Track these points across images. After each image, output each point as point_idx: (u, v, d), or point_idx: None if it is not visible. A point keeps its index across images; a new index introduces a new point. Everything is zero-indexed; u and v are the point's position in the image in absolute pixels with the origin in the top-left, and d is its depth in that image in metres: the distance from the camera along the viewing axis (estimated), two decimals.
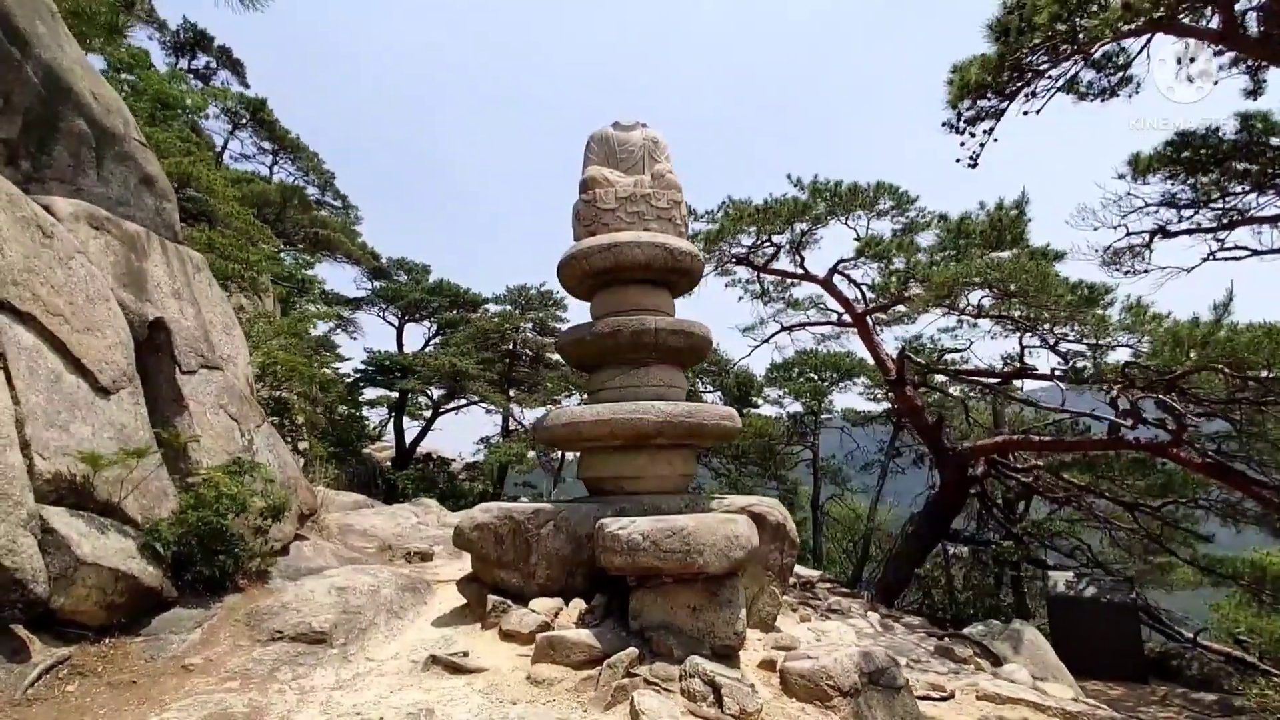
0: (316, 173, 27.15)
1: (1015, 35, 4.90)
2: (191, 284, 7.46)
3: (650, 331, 6.11)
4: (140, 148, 8.00)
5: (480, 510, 5.75)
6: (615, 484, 6.15)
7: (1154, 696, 8.48)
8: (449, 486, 20.39)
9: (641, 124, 7.49)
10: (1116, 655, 9.07)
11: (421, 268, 26.35)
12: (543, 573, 5.55)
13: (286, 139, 25.95)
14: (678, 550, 4.53)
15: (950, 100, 5.57)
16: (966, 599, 10.84)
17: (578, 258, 6.45)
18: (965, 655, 6.74)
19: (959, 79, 5.39)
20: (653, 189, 6.76)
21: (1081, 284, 7.46)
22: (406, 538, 10.47)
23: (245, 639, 4.52)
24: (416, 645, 4.95)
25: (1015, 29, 4.90)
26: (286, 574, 6.19)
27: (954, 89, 5.46)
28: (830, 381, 17.26)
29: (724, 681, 4.06)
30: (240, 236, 11.33)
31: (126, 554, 4.31)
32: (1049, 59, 4.97)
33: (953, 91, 5.49)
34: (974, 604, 10.76)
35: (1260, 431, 7.33)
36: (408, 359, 21.90)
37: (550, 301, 21.87)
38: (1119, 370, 8.26)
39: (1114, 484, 9.92)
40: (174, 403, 5.83)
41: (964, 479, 10.23)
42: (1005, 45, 4.99)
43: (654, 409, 5.73)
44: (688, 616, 4.69)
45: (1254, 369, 6.67)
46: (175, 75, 14.37)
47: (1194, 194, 5.91)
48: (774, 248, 10.39)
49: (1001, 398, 11.60)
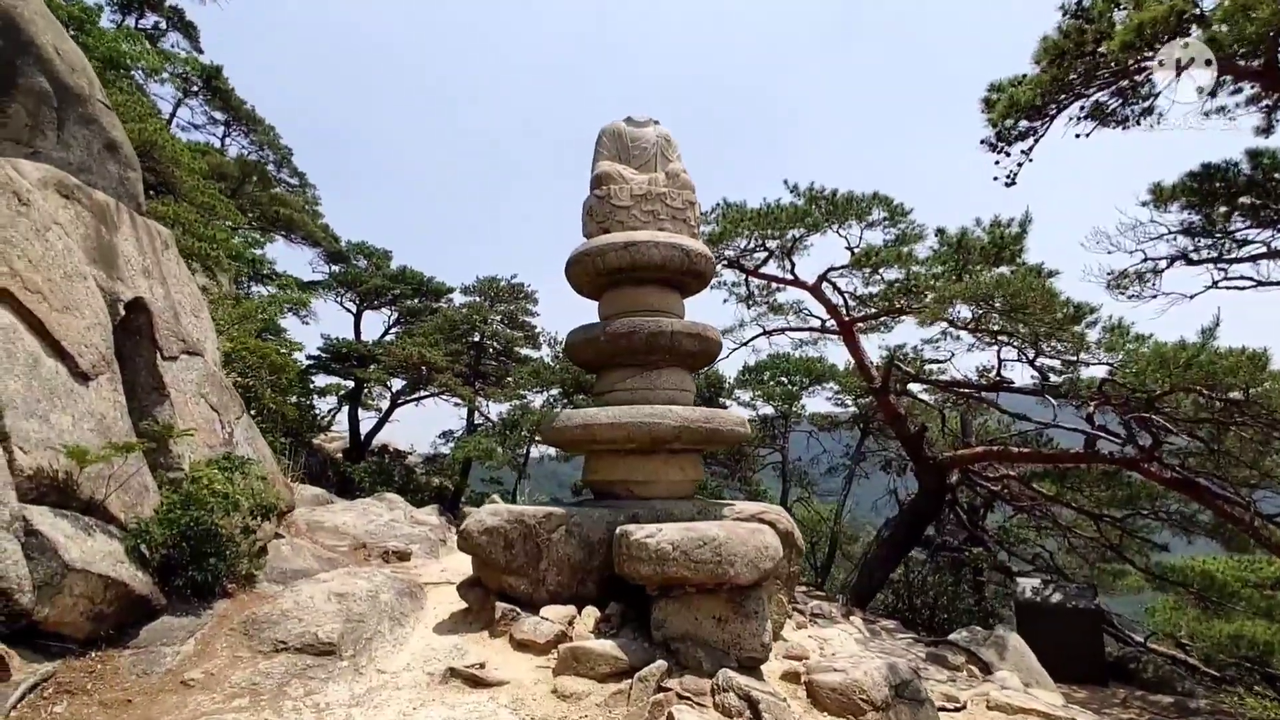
0: (273, 147, 25.87)
1: (1071, 59, 5.00)
2: (161, 262, 6.93)
3: (666, 334, 5.99)
4: (105, 110, 7.43)
5: (489, 513, 5.52)
6: (626, 488, 6.00)
7: (1115, 699, 8.87)
8: (406, 480, 19.77)
9: (654, 120, 7.35)
10: (1080, 659, 9.44)
11: (383, 253, 25.40)
12: (553, 579, 5.36)
13: (242, 110, 24.64)
14: (709, 561, 4.43)
15: (993, 119, 5.64)
16: (940, 604, 11.13)
17: (591, 254, 6.26)
18: (958, 663, 6.88)
19: (1006, 99, 5.46)
20: (668, 188, 6.63)
21: (1069, 302, 7.73)
22: (381, 536, 10.06)
23: (245, 650, 4.19)
24: (427, 655, 4.70)
25: (1071, 52, 5.00)
26: (273, 577, 5.81)
27: (999, 108, 5.52)
28: (801, 386, 17.45)
29: (760, 696, 3.97)
30: (204, 212, 10.62)
31: (115, 558, 3.93)
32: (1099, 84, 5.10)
33: (997, 110, 5.56)
34: (948, 609, 11.07)
35: (1224, 449, 7.75)
36: (367, 347, 21.10)
37: (521, 294, 21.41)
38: (1096, 387, 8.60)
39: (1081, 494, 10.37)
40: (154, 391, 5.38)
41: (942, 487, 10.50)
42: (1059, 68, 5.08)
43: (672, 413, 5.61)
44: (714, 627, 4.58)
45: (1228, 390, 7.04)
46: (130, 34, 13.35)
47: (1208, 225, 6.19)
48: (766, 252, 10.41)
49: (976, 408, 11.96)
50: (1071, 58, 5.04)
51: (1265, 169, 5.54)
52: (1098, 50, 4.92)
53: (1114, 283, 7.09)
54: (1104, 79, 5.09)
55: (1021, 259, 8.43)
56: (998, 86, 5.85)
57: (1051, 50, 5.14)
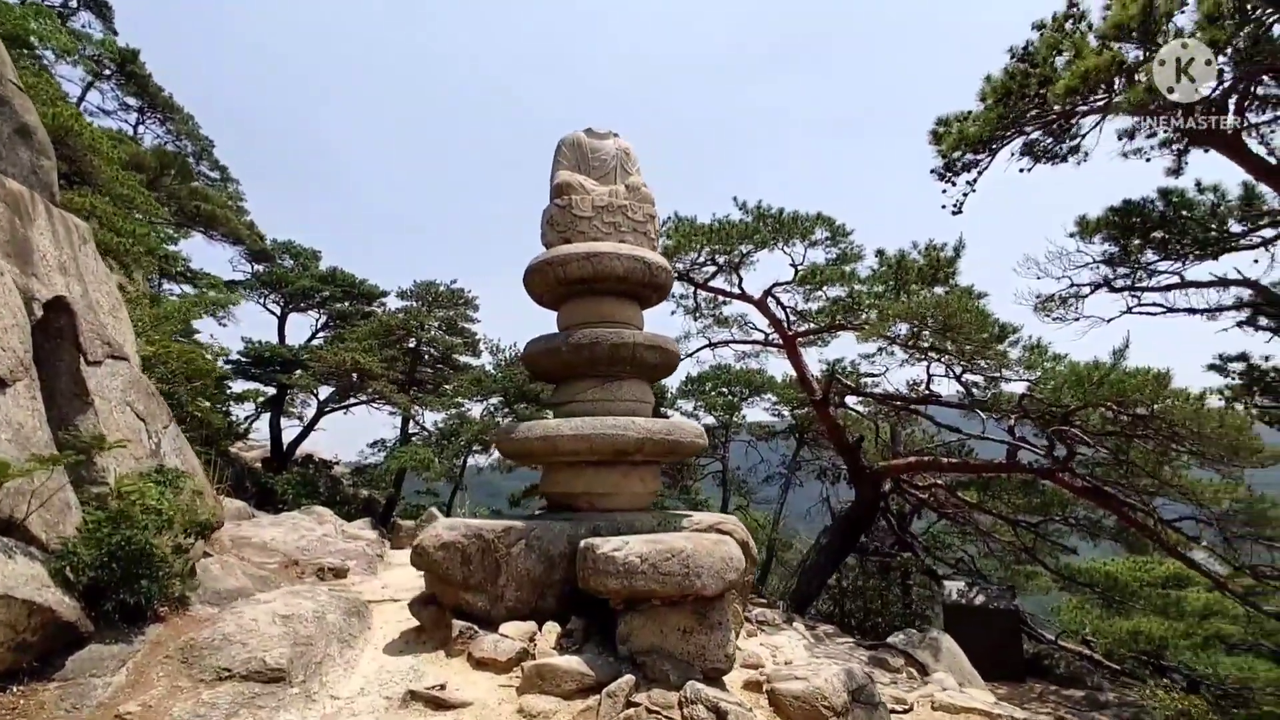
0: (191, 138, 24.35)
1: (1015, 99, 5.42)
2: (78, 258, 6.43)
3: (628, 345, 6.02)
4: (17, 92, 6.87)
5: (445, 528, 5.37)
6: (587, 500, 5.97)
7: (1033, 694, 9.48)
8: (332, 492, 18.88)
9: (614, 133, 7.40)
10: (1001, 657, 10.04)
11: (311, 253, 24.19)
12: (512, 594, 5.26)
13: (159, 97, 23.12)
14: (677, 573, 4.47)
15: (943, 151, 6.02)
16: (874, 608, 11.59)
17: (553, 264, 6.22)
18: (897, 665, 7.19)
19: (955, 133, 5.85)
20: (629, 200, 6.69)
21: (996, 322, 8.31)
22: (314, 552, 9.57)
23: (185, 679, 3.90)
24: (381, 678, 4.51)
25: (1016, 93, 5.42)
26: (206, 598, 5.44)
27: (948, 141, 5.91)
28: (741, 397, 17.85)
29: (728, 708, 4.03)
30: (121, 205, 9.84)
31: (39, 582, 3.59)
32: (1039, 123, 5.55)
33: (947, 143, 5.94)
34: (881, 612, 11.53)
35: (1129, 460, 8.48)
36: (292, 351, 20.05)
37: (461, 300, 20.87)
38: (1015, 402, 9.23)
39: (1000, 501, 11.07)
40: (76, 398, 4.95)
41: (877, 495, 10.97)
42: (1005, 107, 5.49)
43: (635, 425, 5.64)
44: (679, 639, 4.62)
45: (1134, 406, 7.71)
46: (39, 11, 12.27)
47: (1125, 256, 6.80)
48: (715, 267, 10.64)
49: (907, 420, 12.58)
50: (1016, 98, 5.48)
51: (1175, 206, 6.18)
52: (1040, 92, 5.38)
53: (1041, 306, 7.68)
54: (1044, 119, 5.56)
55: (954, 280, 9.02)
56: (945, 121, 6.27)
57: (999, 90, 5.57)
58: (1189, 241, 6.29)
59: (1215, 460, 7.35)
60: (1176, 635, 11.68)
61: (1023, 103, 5.51)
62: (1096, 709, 8.81)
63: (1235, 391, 6.16)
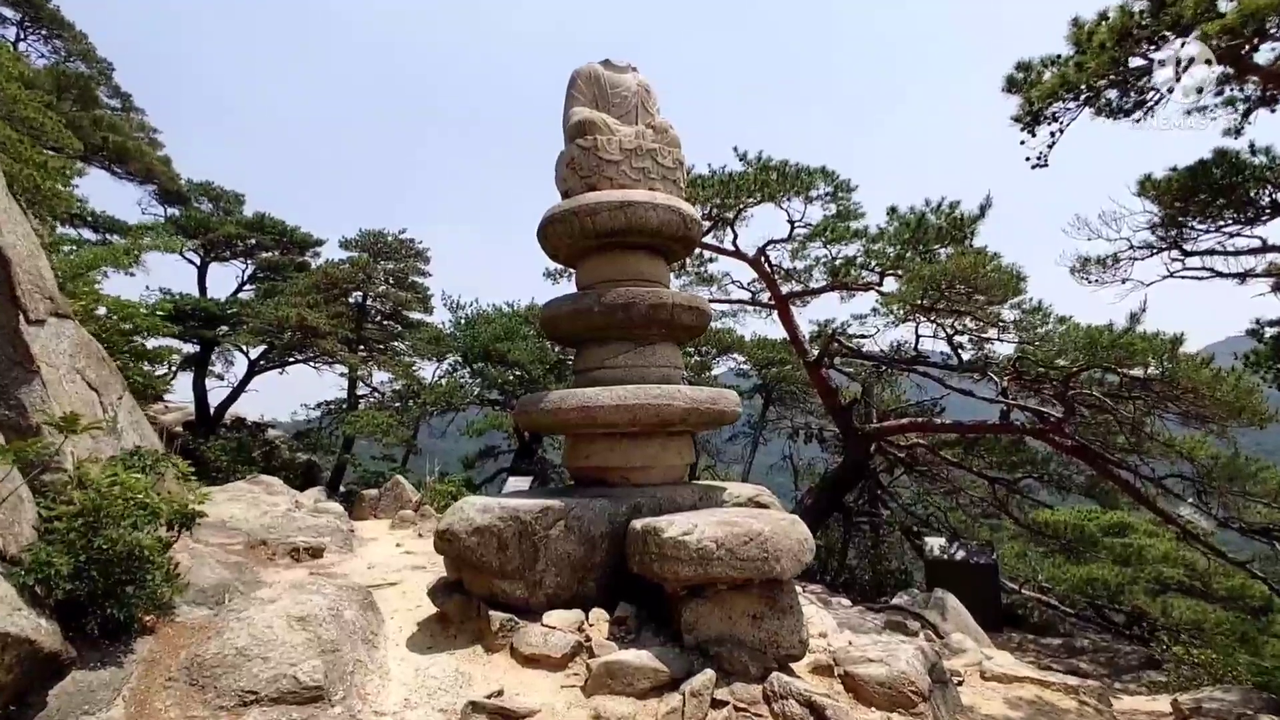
0: (86, 59, 21.38)
1: (1133, 43, 5.03)
2: None
3: (666, 306, 5.48)
4: None
5: (477, 510, 4.78)
6: (621, 475, 5.48)
7: (1012, 644, 9.85)
8: (269, 458, 17.59)
9: (633, 67, 6.66)
10: (982, 609, 10.37)
11: (233, 196, 21.92)
12: (551, 580, 4.77)
13: (43, 9, 20.11)
14: (756, 557, 4.09)
15: (1033, 98, 5.61)
16: (862, 565, 11.78)
17: (579, 213, 5.54)
18: (915, 629, 7.18)
19: (1056, 76, 5.41)
20: (657, 143, 6.03)
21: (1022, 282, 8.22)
22: (282, 530, 8.71)
23: (200, 707, 3.24)
24: (425, 685, 3.97)
25: (1134, 37, 5.03)
26: (190, 598, 4.68)
27: (1041, 88, 5.49)
28: (711, 356, 17.62)
29: (823, 702, 3.73)
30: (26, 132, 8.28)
31: (10, 605, 2.83)
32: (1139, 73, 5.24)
33: (1039, 90, 5.52)
34: (870, 569, 11.73)
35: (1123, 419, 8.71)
36: (218, 305, 18.24)
37: (411, 252, 19.46)
38: (1012, 363, 9.29)
39: (981, 460, 11.34)
40: (18, 366, 4.00)
41: (867, 456, 10.99)
42: (1122, 49, 5.10)
43: (681, 394, 5.16)
44: (750, 626, 4.26)
45: (1133, 368, 7.84)
46: None
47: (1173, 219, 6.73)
48: (711, 221, 10.10)
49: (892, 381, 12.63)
50: (1133, 41, 5.10)
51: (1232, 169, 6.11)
52: (1161, 35, 5.04)
53: (1080, 269, 7.62)
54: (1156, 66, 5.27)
55: (971, 242, 8.87)
56: (1025, 65, 5.87)
57: (1114, 30, 5.17)
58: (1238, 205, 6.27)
59: (1214, 420, 7.60)
60: (1126, 580, 12.48)
61: (1139, 47, 5.18)
62: (1074, 655, 9.24)
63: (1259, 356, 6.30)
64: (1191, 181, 6.24)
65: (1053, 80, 5.52)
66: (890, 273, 9.35)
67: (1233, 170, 6.07)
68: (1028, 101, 5.71)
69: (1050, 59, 5.70)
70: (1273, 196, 6.05)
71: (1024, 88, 5.80)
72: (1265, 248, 6.38)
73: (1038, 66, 5.79)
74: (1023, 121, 5.80)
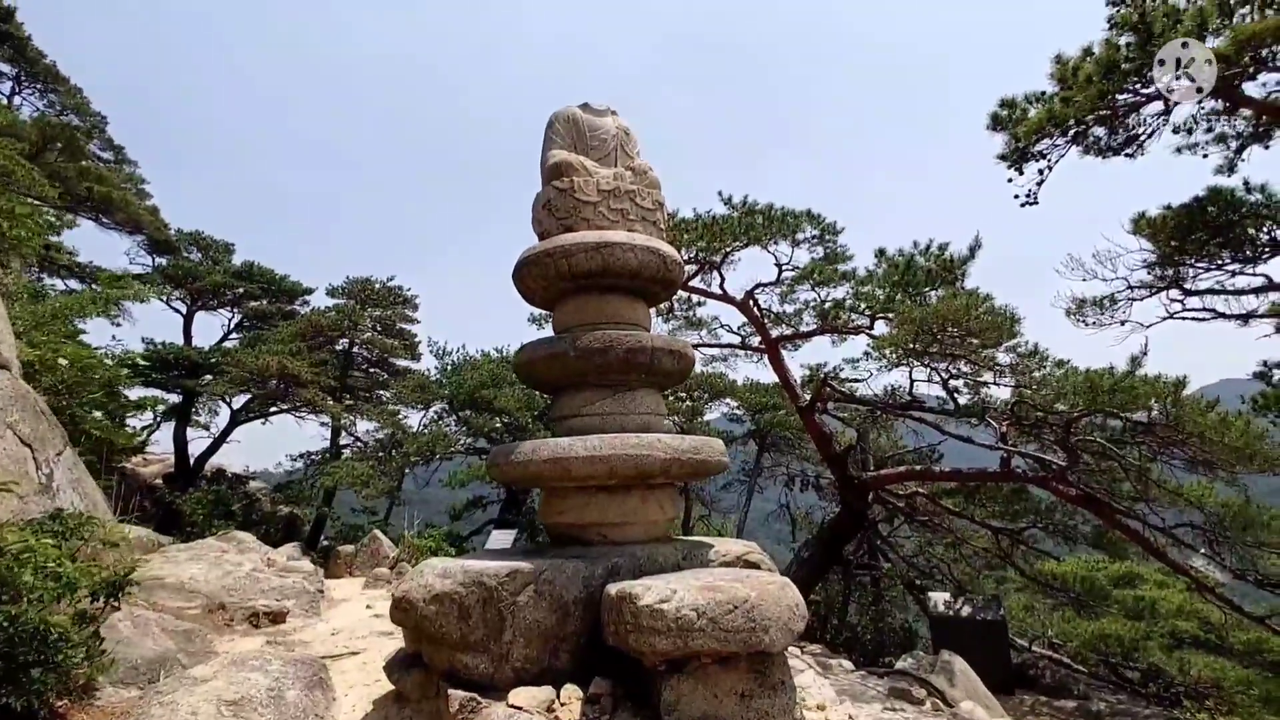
0: (80, 113, 21.66)
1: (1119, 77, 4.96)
2: None
3: (645, 350, 5.19)
4: None
5: (436, 574, 4.36)
6: (598, 531, 5.09)
7: (1025, 707, 9.26)
8: (248, 511, 16.95)
9: (612, 110, 6.56)
10: (989, 668, 9.79)
11: (223, 245, 21.93)
12: (519, 653, 4.31)
13: (39, 64, 20.45)
14: (742, 628, 3.68)
15: (1019, 135, 5.52)
16: (862, 623, 11.20)
17: (554, 255, 5.31)
18: (921, 696, 6.67)
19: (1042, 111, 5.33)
20: (636, 185, 5.88)
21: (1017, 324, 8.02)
22: (244, 591, 8.21)
23: None
24: None
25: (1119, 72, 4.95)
26: (118, 677, 4.22)
27: (1028, 124, 5.40)
28: (703, 401, 17.29)
29: None
30: None
31: None
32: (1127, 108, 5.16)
33: (1026, 126, 5.43)
34: (870, 628, 11.15)
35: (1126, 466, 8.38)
36: (201, 354, 17.93)
37: (398, 298, 19.27)
38: (1009, 408, 9.01)
39: (983, 509, 10.93)
40: None
41: (865, 505, 10.58)
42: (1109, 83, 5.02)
43: (660, 443, 4.82)
44: (737, 706, 3.82)
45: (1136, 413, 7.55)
46: None
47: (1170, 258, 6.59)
48: (697, 265, 9.95)
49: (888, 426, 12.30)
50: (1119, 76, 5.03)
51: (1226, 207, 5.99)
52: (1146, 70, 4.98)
53: (1076, 310, 7.42)
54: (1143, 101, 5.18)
55: (962, 284, 8.71)
56: (1009, 103, 5.82)
57: (1102, 64, 5.09)
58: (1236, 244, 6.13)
59: (1222, 466, 7.29)
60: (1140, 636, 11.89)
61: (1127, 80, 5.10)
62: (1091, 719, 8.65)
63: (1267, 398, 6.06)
64: (1187, 220, 6.12)
65: (1039, 115, 5.44)
66: (881, 316, 9.16)
67: (1228, 208, 5.95)
68: (1014, 138, 5.63)
69: (1035, 95, 5.64)
70: (1271, 234, 5.92)
71: (1009, 124, 5.73)
72: (1269, 286, 6.22)
73: (1022, 104, 5.74)
74: (1010, 159, 5.70)
